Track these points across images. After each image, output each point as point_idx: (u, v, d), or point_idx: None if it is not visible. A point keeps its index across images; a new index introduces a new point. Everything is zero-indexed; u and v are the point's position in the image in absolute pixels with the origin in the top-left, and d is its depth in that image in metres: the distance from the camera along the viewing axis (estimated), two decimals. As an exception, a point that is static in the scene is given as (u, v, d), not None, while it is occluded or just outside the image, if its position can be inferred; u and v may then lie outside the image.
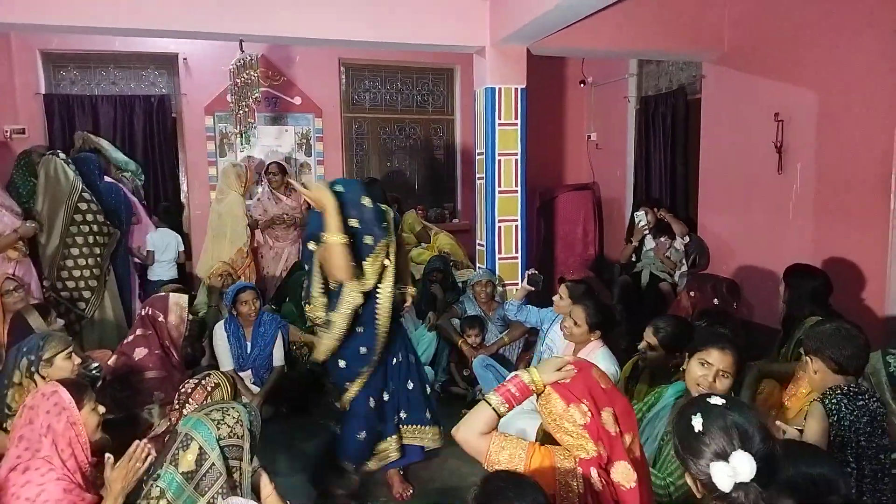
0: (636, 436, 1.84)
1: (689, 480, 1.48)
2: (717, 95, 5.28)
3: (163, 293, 3.47)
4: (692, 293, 3.59)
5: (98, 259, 4.64)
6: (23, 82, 5.86)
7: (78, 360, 2.84)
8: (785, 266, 3.77)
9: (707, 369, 2.36)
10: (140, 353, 3.20)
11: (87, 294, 4.60)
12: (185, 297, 3.37)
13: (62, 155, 4.65)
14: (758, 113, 4.78)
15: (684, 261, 5.32)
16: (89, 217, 4.59)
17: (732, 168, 5.13)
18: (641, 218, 5.51)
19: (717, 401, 1.45)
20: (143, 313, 3.35)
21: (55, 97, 5.99)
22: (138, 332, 3.34)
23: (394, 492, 3.24)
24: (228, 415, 2.00)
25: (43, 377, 2.61)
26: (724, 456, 1.35)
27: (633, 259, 5.58)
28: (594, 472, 1.70)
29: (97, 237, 4.63)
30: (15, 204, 4.44)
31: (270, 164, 5.86)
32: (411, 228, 6.02)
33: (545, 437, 1.96)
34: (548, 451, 1.83)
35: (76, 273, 4.58)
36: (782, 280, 3.69)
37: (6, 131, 5.76)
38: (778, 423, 2.45)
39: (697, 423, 1.41)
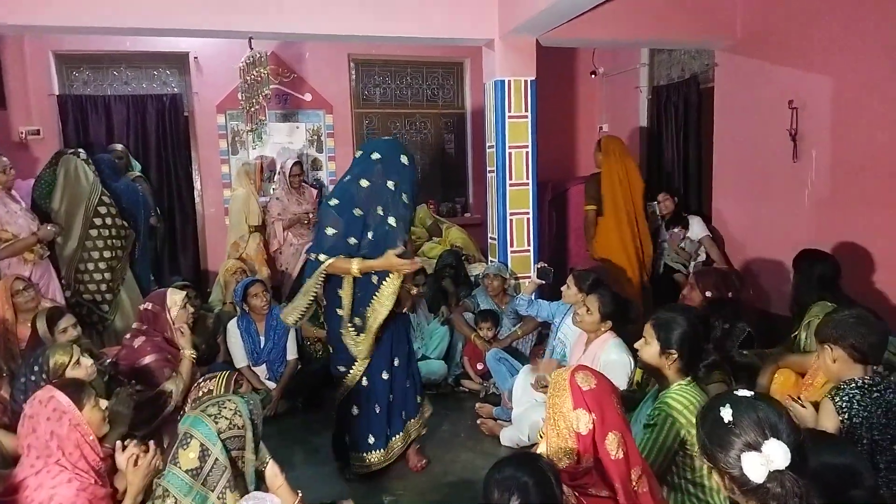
0: (647, 473, 1.82)
1: (716, 477, 1.45)
2: (731, 83, 5.22)
3: (163, 289, 3.53)
4: (700, 287, 3.57)
5: (115, 261, 4.66)
6: (36, 84, 5.91)
7: (90, 363, 2.84)
8: (801, 254, 3.73)
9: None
10: (138, 341, 3.24)
11: (108, 296, 4.64)
12: (182, 294, 3.42)
13: (83, 154, 4.68)
14: (772, 100, 4.72)
15: (700, 251, 5.27)
16: (108, 220, 4.62)
17: (747, 156, 5.07)
18: (654, 207, 5.47)
19: (745, 393, 1.44)
20: (142, 308, 3.40)
21: (69, 98, 6.04)
22: (136, 325, 3.40)
23: (410, 464, 3.38)
24: (225, 407, 2.01)
25: None
26: (755, 446, 1.33)
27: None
28: (564, 488, 1.68)
29: (115, 240, 4.66)
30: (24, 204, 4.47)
31: (294, 164, 5.82)
32: (423, 223, 6.01)
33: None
34: None
35: (96, 275, 4.60)
36: (793, 265, 3.65)
37: (21, 132, 5.81)
38: (788, 398, 2.40)
39: (727, 414, 1.38)
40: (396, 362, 3.24)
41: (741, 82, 5.08)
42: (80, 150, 4.81)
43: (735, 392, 1.45)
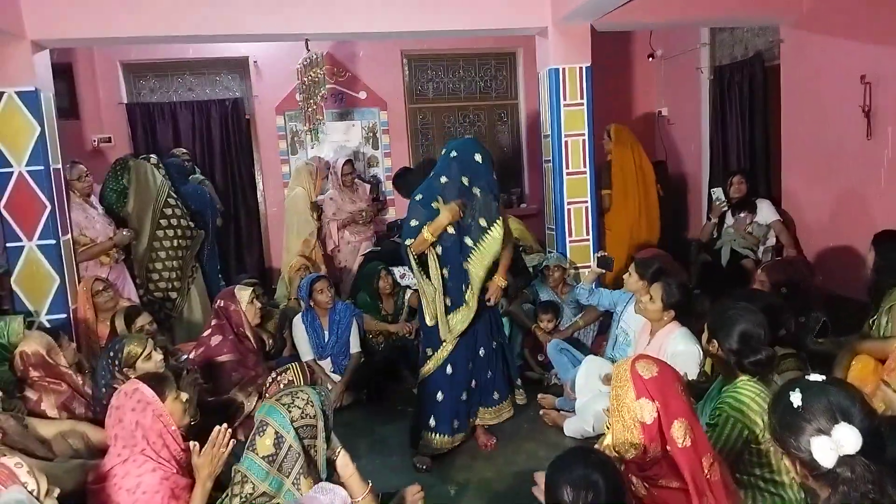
0: (717, 461, 1.78)
1: (787, 463, 1.43)
2: (798, 60, 5.01)
3: (231, 287, 3.69)
4: (770, 280, 3.46)
5: (182, 261, 4.84)
6: (106, 93, 6.20)
7: (159, 357, 2.99)
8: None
9: None
10: (216, 340, 3.40)
11: (173, 294, 4.83)
12: (249, 290, 3.59)
13: (154, 159, 4.89)
14: (842, 76, 4.51)
15: (768, 235, 5.09)
16: (174, 221, 4.80)
17: (817, 136, 4.86)
18: (718, 195, 5.30)
19: (817, 378, 1.41)
20: (216, 306, 3.56)
21: (137, 105, 6.30)
22: (213, 322, 3.56)
23: (479, 443, 3.53)
24: (298, 398, 2.08)
25: (129, 377, 2.75)
26: (825, 431, 1.30)
27: (714, 236, 5.37)
28: (633, 479, 1.65)
29: (181, 240, 4.83)
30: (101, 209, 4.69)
31: (345, 163, 5.82)
32: None
33: None
34: None
35: (165, 274, 4.80)
36: (871, 247, 3.48)
37: (94, 140, 6.11)
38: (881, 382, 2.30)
39: (797, 399, 1.36)
40: (482, 352, 3.38)
41: (809, 59, 4.87)
42: (152, 155, 5.02)
43: (806, 377, 1.41)
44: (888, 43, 4.16)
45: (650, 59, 6.86)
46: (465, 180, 3.20)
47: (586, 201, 4.84)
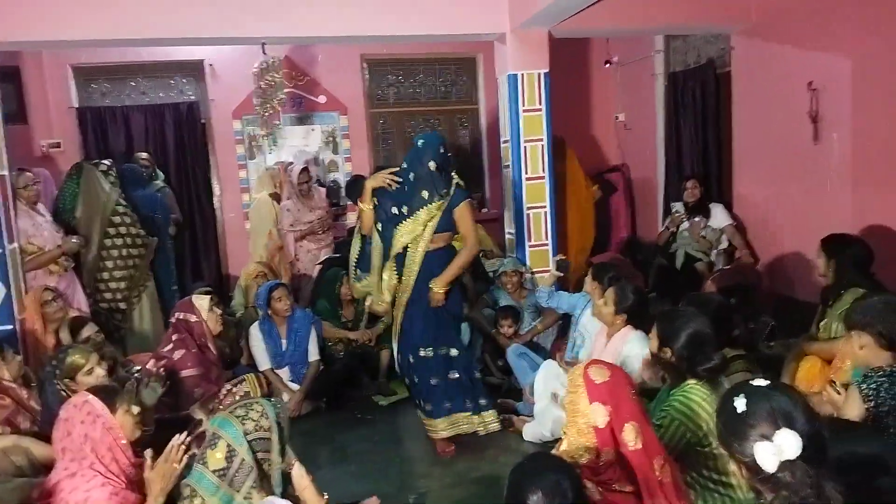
0: (668, 462, 1.81)
1: (733, 466, 1.46)
2: (748, 67, 5.14)
3: (188, 297, 3.60)
4: (719, 290, 3.55)
5: (132, 269, 4.74)
6: (56, 97, 6.02)
7: (102, 373, 2.90)
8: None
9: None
10: (178, 354, 3.33)
11: (122, 305, 4.72)
12: (207, 298, 3.51)
13: (103, 165, 4.77)
14: (790, 83, 4.64)
15: (721, 239, 5.20)
16: (122, 230, 4.68)
17: (767, 141, 4.99)
18: (679, 208, 5.38)
19: (760, 383, 1.44)
20: (174, 318, 3.48)
21: (88, 110, 6.14)
22: (174, 336, 3.47)
23: (438, 450, 3.54)
24: (252, 409, 2.05)
25: (74, 391, 2.67)
26: (768, 436, 1.33)
27: (670, 240, 5.47)
28: (588, 483, 1.67)
29: (131, 249, 4.72)
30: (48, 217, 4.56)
31: (301, 171, 5.54)
32: None
33: None
34: None
35: (113, 284, 4.70)
36: (820, 251, 3.58)
37: (42, 146, 5.93)
38: (828, 383, 2.37)
39: (741, 404, 1.39)
40: (423, 353, 3.46)
41: (758, 66, 5.00)
42: (104, 161, 4.89)
43: (751, 382, 1.44)
44: (834, 51, 4.30)
45: (607, 65, 6.97)
46: (404, 164, 3.49)
47: (545, 206, 4.88)
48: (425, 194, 3.35)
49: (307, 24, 4.40)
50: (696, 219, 5.21)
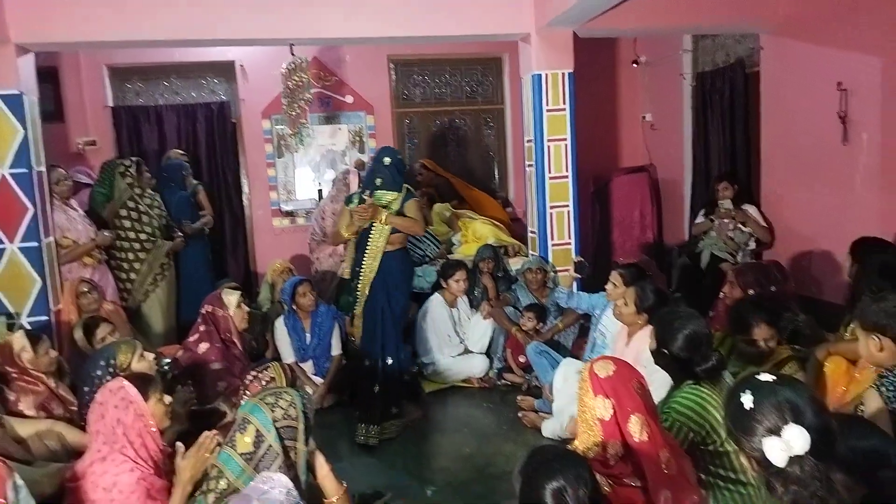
0: (677, 454, 1.81)
1: (744, 460, 1.46)
2: (777, 67, 5.08)
3: (218, 290, 3.67)
4: (741, 284, 3.51)
5: (134, 273, 4.81)
6: (91, 96, 6.19)
7: (151, 356, 3.01)
8: (852, 240, 3.61)
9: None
10: (203, 347, 3.38)
11: (124, 304, 4.78)
12: (237, 294, 3.55)
13: (128, 162, 4.89)
14: (820, 83, 4.57)
15: (750, 242, 5.14)
16: (122, 233, 4.76)
17: (795, 141, 4.93)
18: (727, 205, 5.24)
19: (766, 377, 1.43)
20: (203, 311, 3.55)
21: (122, 109, 6.30)
22: (201, 328, 3.53)
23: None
24: (282, 398, 2.09)
25: None
26: (776, 431, 1.33)
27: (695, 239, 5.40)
28: (598, 476, 1.67)
29: (128, 253, 4.80)
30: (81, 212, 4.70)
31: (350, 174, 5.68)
32: (440, 216, 5.93)
33: None
34: None
35: (122, 275, 4.83)
36: (849, 254, 3.53)
37: (79, 143, 6.10)
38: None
39: (748, 400, 1.39)
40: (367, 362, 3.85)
41: (787, 65, 4.94)
42: (125, 159, 5.01)
43: (757, 376, 1.44)
44: (863, 51, 4.23)
45: (635, 65, 6.93)
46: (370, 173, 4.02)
47: (568, 205, 4.88)
48: (379, 181, 3.85)
49: (335, 26, 4.47)
50: (725, 220, 5.14)
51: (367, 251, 3.83)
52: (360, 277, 3.87)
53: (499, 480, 3.23)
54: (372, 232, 3.81)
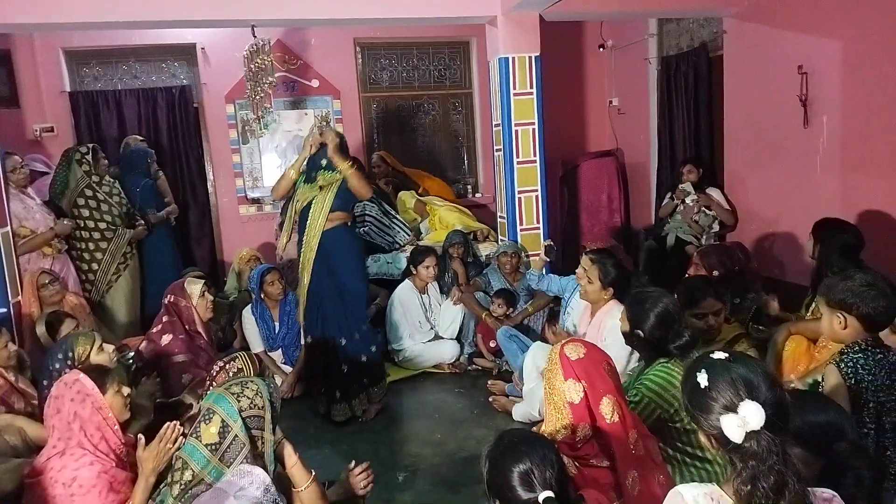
0: (643, 435, 1.84)
1: (703, 439, 1.49)
2: (740, 51, 5.15)
3: (181, 280, 3.59)
4: (706, 265, 3.57)
5: (95, 264, 4.69)
6: (48, 81, 5.99)
7: (111, 348, 2.94)
8: (814, 221, 3.69)
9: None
10: (166, 339, 3.31)
11: (86, 294, 4.67)
12: (200, 283, 3.48)
13: (84, 149, 4.75)
14: (781, 66, 4.65)
15: (714, 225, 5.23)
16: (80, 222, 4.63)
17: (758, 124, 5.01)
18: (688, 188, 5.30)
19: (720, 355, 1.46)
20: (165, 301, 3.47)
21: (80, 94, 6.11)
22: (164, 319, 3.45)
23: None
24: (247, 388, 2.06)
25: None
26: (732, 408, 1.36)
27: (665, 221, 5.48)
28: (565, 459, 1.69)
29: (89, 243, 4.67)
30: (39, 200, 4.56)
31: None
32: (403, 205, 5.90)
33: None
34: None
35: (83, 266, 4.70)
36: (810, 235, 3.61)
37: (35, 130, 5.91)
38: (792, 377, 2.42)
39: (703, 379, 1.41)
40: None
41: (750, 49, 5.00)
42: (87, 145, 4.86)
43: (711, 355, 1.46)
44: (824, 34, 4.31)
45: (601, 49, 6.95)
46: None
47: (536, 190, 4.90)
48: (324, 162, 3.73)
49: (299, 7, 4.38)
50: (689, 203, 5.22)
51: (306, 230, 3.68)
52: (300, 259, 3.73)
53: (470, 465, 3.24)
54: (312, 209, 3.68)
